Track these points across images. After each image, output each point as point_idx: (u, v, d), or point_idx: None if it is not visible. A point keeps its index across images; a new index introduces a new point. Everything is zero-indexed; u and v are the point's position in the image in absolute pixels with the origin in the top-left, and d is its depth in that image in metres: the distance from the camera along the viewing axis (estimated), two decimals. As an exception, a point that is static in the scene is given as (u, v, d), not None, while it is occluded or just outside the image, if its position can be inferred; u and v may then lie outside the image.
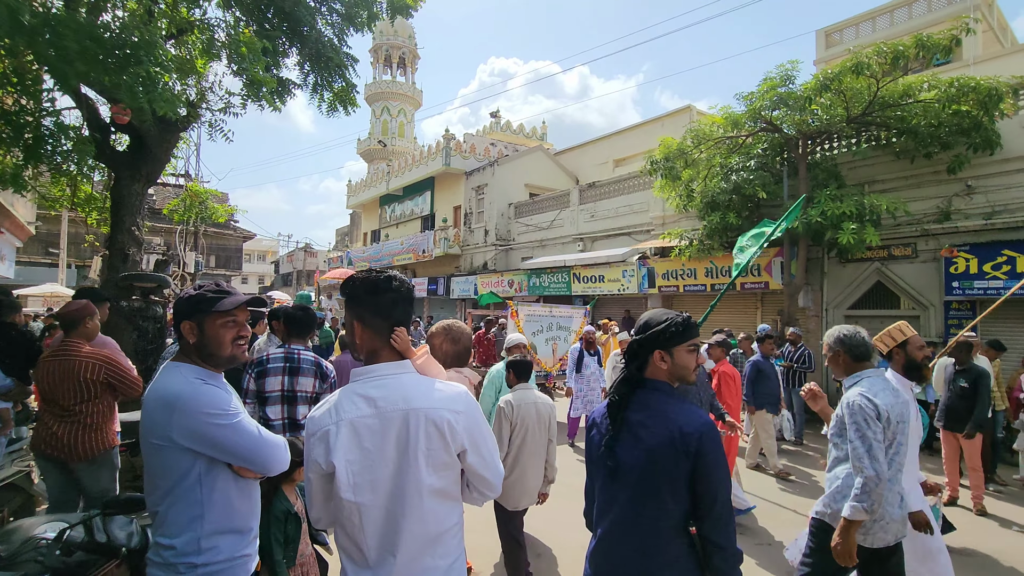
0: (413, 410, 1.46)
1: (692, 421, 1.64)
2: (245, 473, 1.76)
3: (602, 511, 1.76)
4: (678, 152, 10.61)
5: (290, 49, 6.15)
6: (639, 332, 1.77)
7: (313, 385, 3.10)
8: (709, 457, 1.61)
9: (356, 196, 29.69)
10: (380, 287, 1.55)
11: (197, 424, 1.63)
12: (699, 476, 1.60)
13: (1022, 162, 8.14)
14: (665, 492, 1.62)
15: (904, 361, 2.84)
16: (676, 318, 1.73)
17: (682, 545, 1.64)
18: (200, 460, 1.67)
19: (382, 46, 34.76)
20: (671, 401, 1.70)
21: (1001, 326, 8.34)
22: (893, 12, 14.87)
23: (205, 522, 1.67)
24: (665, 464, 1.62)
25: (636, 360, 1.76)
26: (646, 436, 1.65)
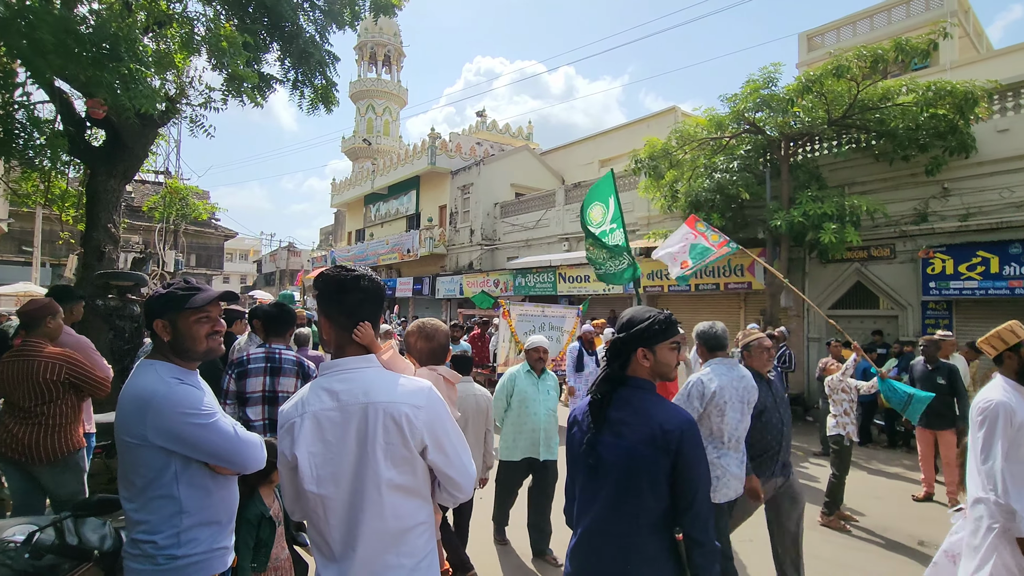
0: (372, 403, 1.45)
1: (673, 419, 1.66)
2: (221, 470, 1.76)
3: (583, 508, 1.76)
4: (663, 153, 10.69)
5: (271, 44, 6.06)
6: (622, 330, 1.77)
7: (295, 385, 3.02)
8: (689, 455, 1.63)
9: (340, 195, 29.43)
10: (347, 285, 1.55)
11: (172, 424, 1.63)
12: (680, 473, 1.62)
13: (996, 165, 8.33)
14: (646, 489, 1.63)
15: (1018, 366, 2.51)
16: (659, 316, 1.75)
17: (662, 541, 1.66)
18: (175, 458, 1.66)
19: (367, 43, 34.50)
20: (652, 399, 1.72)
21: (976, 326, 8.52)
22: (873, 17, 15.14)
23: (185, 517, 1.68)
24: (646, 461, 1.63)
25: (619, 358, 1.76)
26: (628, 433, 1.66)
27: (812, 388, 9.59)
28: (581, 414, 1.82)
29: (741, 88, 9.55)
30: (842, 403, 5.03)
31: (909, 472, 6.64)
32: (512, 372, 4.06)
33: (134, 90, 4.16)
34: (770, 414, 3.24)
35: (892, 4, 14.83)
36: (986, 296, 8.16)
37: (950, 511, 2.90)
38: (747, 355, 3.35)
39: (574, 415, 1.85)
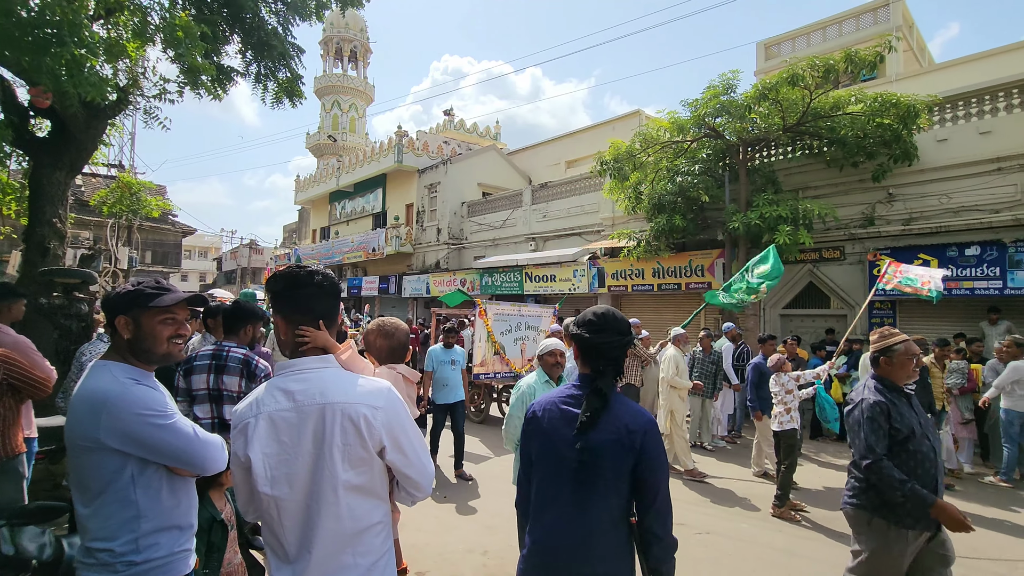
0: (329, 404, 1.44)
1: (637, 419, 1.71)
2: (181, 472, 1.71)
3: (542, 506, 1.76)
4: (627, 155, 10.88)
5: (231, 36, 5.90)
6: (626, 331, 1.81)
7: (239, 384, 2.93)
8: (652, 453, 1.68)
9: (305, 192, 28.81)
10: (300, 281, 1.54)
11: (129, 425, 1.57)
12: (642, 472, 1.67)
13: (936, 173, 8.81)
14: (610, 487, 1.68)
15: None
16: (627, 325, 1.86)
17: (622, 536, 1.71)
18: (132, 461, 1.61)
19: (333, 38, 33.88)
20: (620, 399, 1.76)
21: (918, 324, 9.00)
22: (825, 29, 15.81)
23: (143, 522, 1.62)
24: (612, 460, 1.67)
25: (623, 358, 1.80)
26: (594, 433, 1.69)
27: (768, 385, 9.93)
28: (542, 410, 1.81)
29: (702, 93, 9.81)
30: (786, 402, 5.27)
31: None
32: (528, 383, 3.47)
33: (79, 77, 3.98)
34: (919, 441, 2.55)
35: (843, 17, 15.53)
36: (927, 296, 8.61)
37: None
38: (886, 362, 2.71)
39: (533, 411, 1.84)
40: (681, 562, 4.11)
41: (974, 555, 4.24)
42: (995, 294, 7.98)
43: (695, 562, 4.13)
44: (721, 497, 5.63)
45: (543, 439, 1.77)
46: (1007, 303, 8.10)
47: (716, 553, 4.30)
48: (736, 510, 5.25)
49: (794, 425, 5.21)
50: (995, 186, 8.28)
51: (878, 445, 2.53)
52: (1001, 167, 8.25)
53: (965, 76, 11.42)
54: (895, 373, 2.68)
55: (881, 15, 14.87)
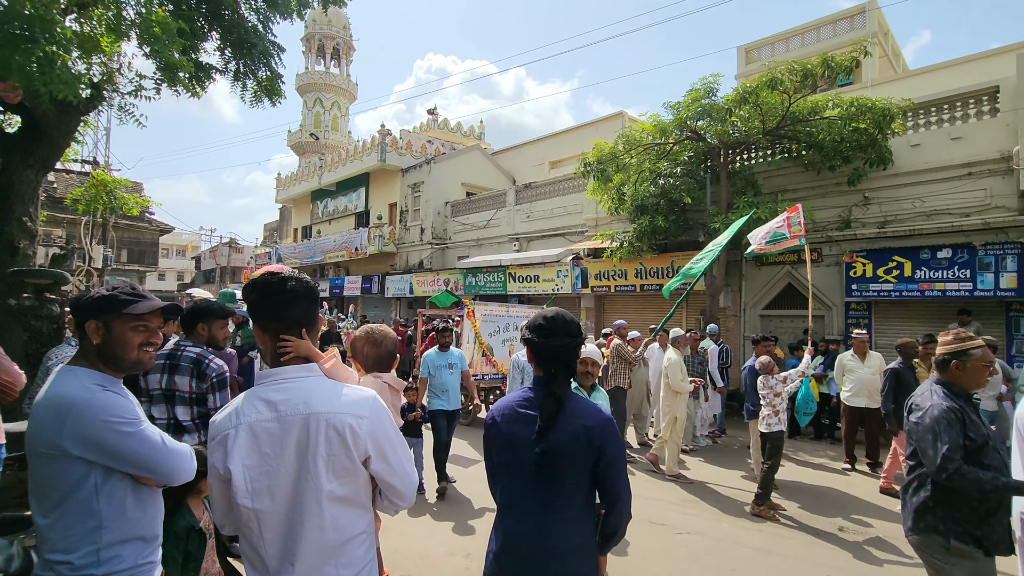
0: (314, 414, 1.42)
1: (594, 417, 1.75)
2: (146, 482, 1.66)
3: (508, 506, 1.79)
4: (610, 156, 10.95)
5: (210, 33, 5.80)
6: (577, 334, 1.85)
7: (189, 384, 2.85)
8: (611, 450, 1.73)
9: (286, 190, 28.45)
10: (273, 289, 1.52)
11: (94, 432, 1.52)
12: (603, 469, 1.73)
13: (909, 177, 9.03)
14: (572, 485, 1.72)
15: None
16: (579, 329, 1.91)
17: (586, 529, 1.76)
18: (96, 469, 1.56)
19: (315, 35, 33.50)
20: (575, 399, 1.80)
21: (892, 325, 9.22)
22: (804, 34, 16.12)
23: (104, 533, 1.56)
24: (572, 459, 1.70)
25: (575, 360, 1.84)
26: (552, 435, 1.72)
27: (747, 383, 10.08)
28: (500, 415, 1.83)
29: (684, 96, 9.91)
30: (774, 404, 5.32)
31: (833, 462, 7.11)
32: None
33: (51, 74, 3.88)
34: (991, 454, 2.35)
35: (821, 23, 15.84)
36: (900, 298, 8.84)
37: None
38: (957, 367, 2.46)
39: (493, 416, 1.86)
40: (661, 561, 4.16)
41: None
42: (965, 296, 8.20)
43: (675, 561, 4.18)
44: (702, 496, 5.70)
45: (504, 443, 1.80)
46: (976, 304, 8.33)
47: (696, 552, 4.35)
48: (716, 510, 5.32)
49: (781, 427, 5.25)
50: (966, 190, 8.52)
51: (955, 454, 2.25)
52: (971, 172, 8.48)
53: (937, 83, 11.73)
54: (966, 379, 2.46)
55: (857, 21, 15.19)
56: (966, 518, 2.29)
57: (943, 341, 2.58)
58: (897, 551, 4.41)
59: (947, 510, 2.32)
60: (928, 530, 2.36)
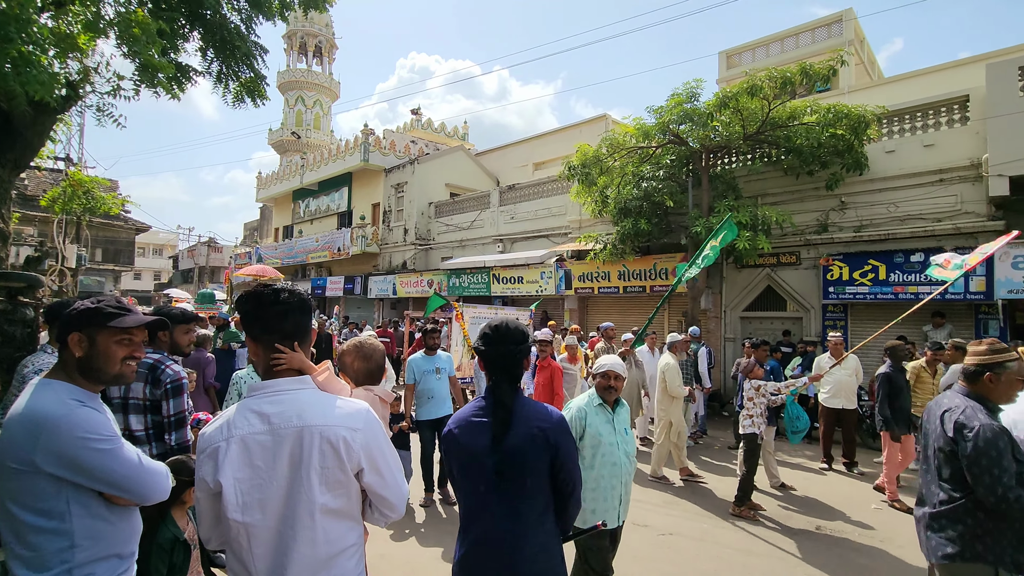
0: (307, 427, 1.43)
1: (547, 418, 1.82)
2: (119, 501, 1.63)
3: (472, 517, 1.84)
4: (594, 159, 11.04)
5: (191, 33, 5.71)
6: (522, 340, 1.91)
7: (143, 391, 2.72)
8: (565, 449, 1.81)
9: (267, 189, 28.07)
10: (266, 301, 1.54)
11: (70, 448, 1.49)
12: (560, 467, 1.80)
13: (884, 183, 9.27)
14: (532, 486, 1.78)
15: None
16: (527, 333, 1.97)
17: (548, 526, 1.81)
18: (68, 486, 1.52)
19: (297, 33, 33.10)
20: (526, 401, 1.86)
21: (867, 327, 9.44)
22: (783, 40, 16.43)
23: (77, 552, 1.53)
24: (530, 461, 1.77)
25: (519, 366, 1.89)
26: (511, 437, 1.77)
27: (728, 385, 10.24)
28: (457, 427, 1.87)
29: (666, 101, 10.04)
30: (758, 406, 5.41)
31: (810, 462, 7.26)
32: (579, 406, 3.02)
33: (27, 75, 3.80)
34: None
35: (799, 30, 16.17)
36: (875, 300, 9.07)
37: None
38: (991, 379, 2.33)
39: (450, 428, 1.89)
40: (644, 563, 4.21)
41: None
42: (937, 299, 8.42)
43: (658, 563, 4.25)
44: (685, 497, 5.78)
45: (462, 453, 1.84)
46: (947, 308, 8.58)
47: (678, 553, 4.42)
48: (698, 511, 5.40)
49: (755, 430, 5.35)
50: (937, 196, 8.77)
51: (1013, 480, 2.13)
52: (943, 178, 8.73)
53: (911, 90, 12.04)
54: (997, 393, 2.33)
55: (835, 29, 15.52)
56: (1014, 546, 2.20)
57: (975, 351, 2.42)
58: (875, 550, 4.53)
59: (998, 538, 2.21)
60: (975, 559, 2.23)
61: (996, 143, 7.91)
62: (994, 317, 8.16)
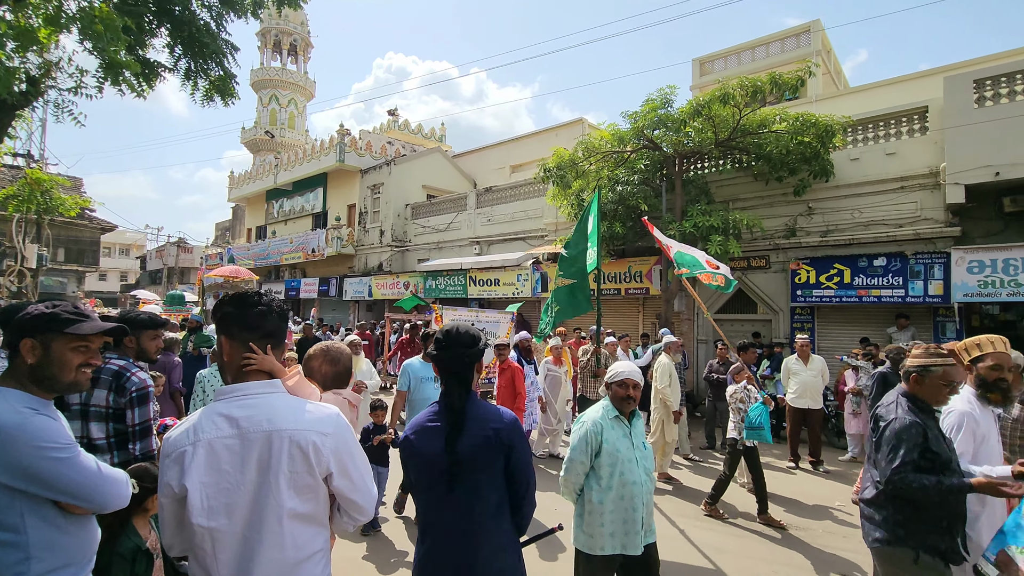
0: (277, 431, 1.43)
1: (500, 419, 1.85)
2: (75, 510, 1.58)
3: (429, 521, 1.86)
4: (569, 163, 11.12)
5: (159, 29, 5.58)
6: (472, 344, 1.93)
7: (107, 399, 2.63)
8: (519, 447, 1.85)
9: (239, 189, 27.52)
10: (249, 301, 1.55)
11: (25, 458, 1.45)
12: (514, 466, 1.84)
13: (849, 189, 9.57)
14: (485, 484, 1.80)
15: (977, 380, 2.67)
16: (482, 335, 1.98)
17: (505, 525, 1.84)
18: (21, 497, 1.48)
19: (271, 30, 32.58)
20: (480, 403, 1.89)
21: (833, 329, 9.73)
22: (754, 49, 16.85)
23: (33, 563, 1.48)
24: (485, 461, 1.79)
25: (469, 371, 1.91)
26: (465, 441, 1.80)
27: (701, 386, 10.42)
28: (414, 433, 1.89)
29: (641, 106, 10.18)
30: (740, 411, 5.44)
31: (778, 460, 7.43)
32: (593, 419, 2.74)
33: (-15, 70, 3.66)
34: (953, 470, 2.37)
35: (770, 40, 16.62)
36: (840, 303, 9.34)
37: None
38: (916, 381, 2.49)
39: (407, 435, 1.91)
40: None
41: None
42: (898, 302, 8.75)
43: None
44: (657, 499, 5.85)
45: (419, 459, 1.85)
46: (908, 310, 8.89)
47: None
48: (672, 510, 5.49)
49: (735, 435, 5.40)
50: (899, 203, 9.09)
51: (906, 468, 2.29)
52: (904, 186, 9.06)
53: (875, 101, 12.45)
54: (925, 393, 2.47)
55: (803, 40, 15.98)
56: (933, 532, 2.33)
57: (913, 353, 2.57)
58: (841, 548, 4.67)
59: (917, 524, 2.34)
60: (898, 543, 2.37)
61: (953, 153, 8.24)
62: (951, 319, 8.50)
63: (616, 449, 2.67)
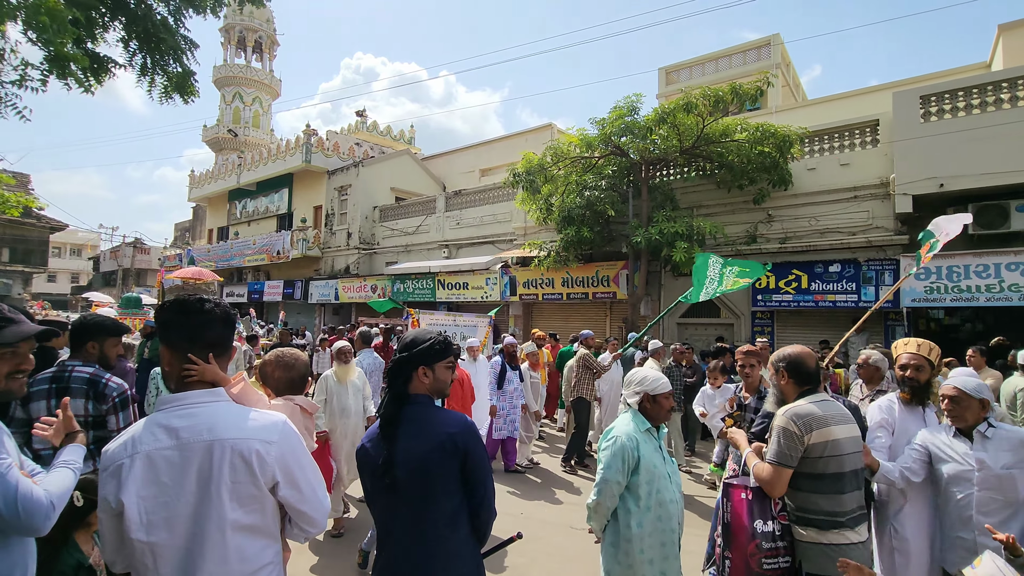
0: (218, 441, 1.39)
1: (455, 424, 1.82)
2: None
3: (384, 529, 1.83)
4: (538, 167, 11.20)
5: (112, 23, 5.35)
6: (403, 350, 1.89)
7: (85, 408, 2.60)
8: (475, 452, 1.82)
9: (200, 188, 26.70)
10: (189, 308, 1.50)
11: None
12: (470, 471, 1.80)
13: (807, 198, 9.91)
14: (440, 494, 1.77)
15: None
16: (438, 338, 1.91)
17: (460, 534, 1.81)
18: None
19: (235, 27, 31.79)
20: (433, 411, 1.86)
21: (792, 332, 10.04)
22: (718, 60, 17.37)
23: None
24: (439, 468, 1.76)
25: (401, 376, 1.87)
26: (417, 447, 1.77)
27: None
28: (369, 442, 1.86)
29: (609, 113, 10.33)
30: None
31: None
32: (627, 434, 2.46)
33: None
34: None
35: (732, 52, 17.15)
36: (798, 308, 9.66)
37: None
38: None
39: (363, 444, 1.88)
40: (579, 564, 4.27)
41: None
42: (852, 306, 9.10)
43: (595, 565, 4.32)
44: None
45: (373, 466, 1.81)
46: (861, 314, 9.23)
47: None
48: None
49: None
50: (852, 212, 9.46)
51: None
52: (857, 195, 9.44)
53: (830, 113, 12.95)
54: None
55: (764, 52, 16.53)
56: None
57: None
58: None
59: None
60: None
61: (901, 164, 8.63)
62: (900, 323, 8.88)
63: (653, 465, 2.45)
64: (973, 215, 8.14)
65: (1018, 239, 8.00)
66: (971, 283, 7.81)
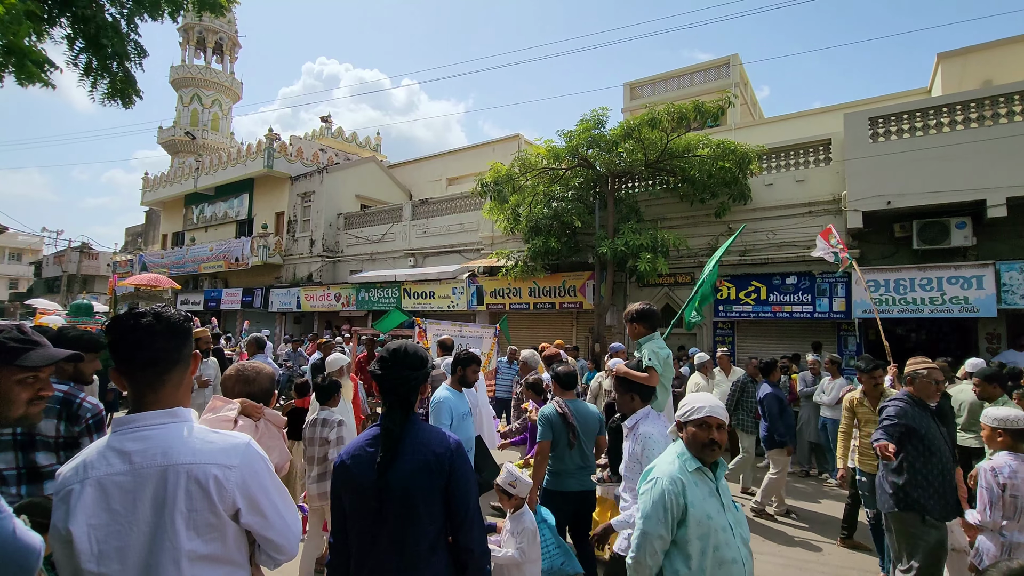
0: (173, 466, 1.30)
1: (442, 442, 1.78)
2: None
3: (363, 552, 1.76)
4: (506, 177, 11.24)
5: (59, 19, 5.10)
6: (420, 366, 1.87)
7: (56, 428, 2.48)
8: (460, 471, 1.77)
9: (155, 192, 25.66)
10: (125, 327, 1.38)
11: None
12: (454, 491, 1.75)
13: (764, 212, 10.27)
14: (423, 514, 1.72)
15: None
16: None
17: (442, 557, 1.75)
18: None
19: (194, 27, 30.89)
20: (422, 427, 1.82)
21: (752, 342, 10.34)
22: (680, 77, 17.95)
23: None
24: (423, 489, 1.71)
25: (414, 391, 1.84)
26: (402, 466, 1.72)
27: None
28: (350, 457, 1.78)
29: (576, 126, 10.48)
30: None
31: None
32: (670, 475, 2.03)
33: None
34: None
35: (694, 69, 17.79)
36: (757, 318, 9.96)
37: None
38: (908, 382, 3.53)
39: (342, 459, 1.80)
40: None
41: (789, 547, 4.89)
42: (807, 317, 9.45)
43: None
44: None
45: (354, 485, 1.75)
46: (816, 325, 9.62)
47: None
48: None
49: None
50: (807, 226, 9.85)
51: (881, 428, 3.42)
52: (811, 210, 9.84)
53: (787, 131, 13.50)
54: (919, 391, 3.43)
55: (723, 71, 17.17)
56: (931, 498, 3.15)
57: (909, 362, 3.63)
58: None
59: (924, 490, 3.18)
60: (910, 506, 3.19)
61: (852, 181, 9.05)
62: (852, 334, 9.27)
63: (706, 515, 1.97)
64: (917, 231, 8.64)
65: (958, 254, 8.49)
66: (916, 295, 8.23)
